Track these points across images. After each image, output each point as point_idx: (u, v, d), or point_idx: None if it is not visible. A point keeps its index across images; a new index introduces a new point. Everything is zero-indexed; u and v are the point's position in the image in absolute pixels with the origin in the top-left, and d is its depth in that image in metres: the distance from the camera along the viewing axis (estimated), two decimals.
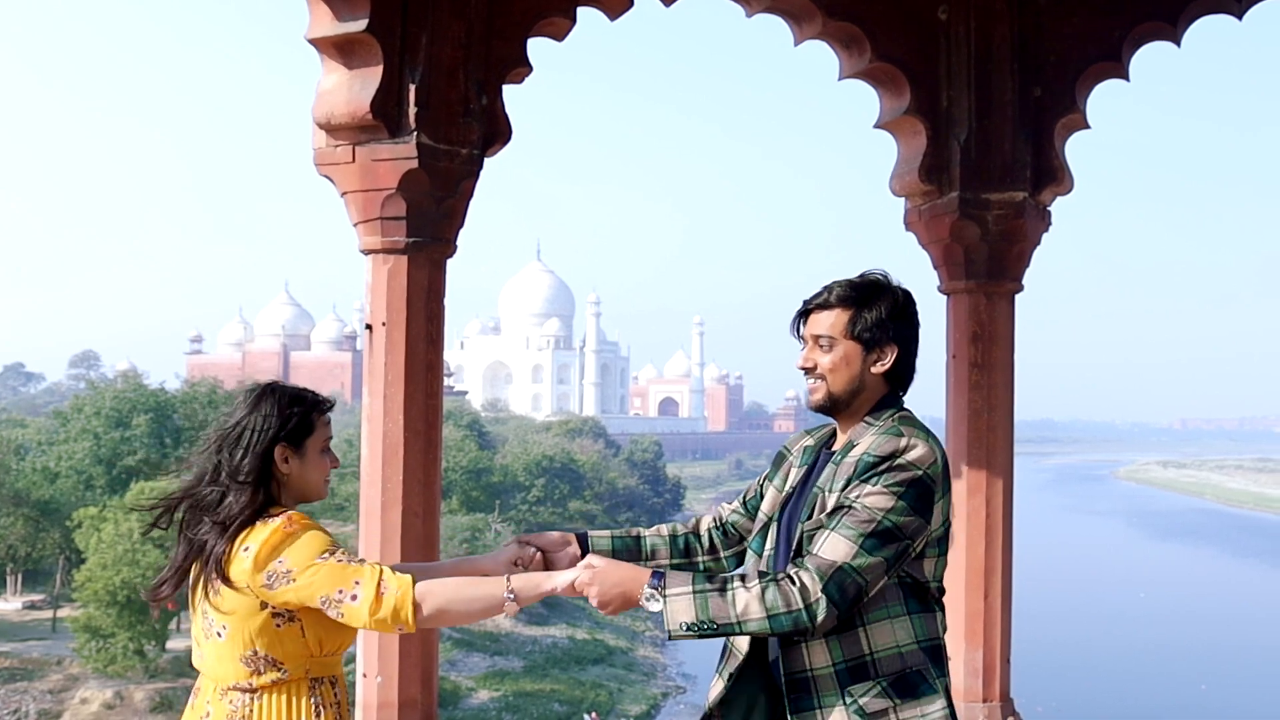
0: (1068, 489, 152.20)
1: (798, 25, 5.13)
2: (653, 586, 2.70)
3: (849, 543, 2.67)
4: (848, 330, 2.93)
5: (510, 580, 2.74)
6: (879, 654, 2.78)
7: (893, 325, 2.93)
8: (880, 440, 2.79)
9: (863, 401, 2.95)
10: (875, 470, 2.74)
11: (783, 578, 2.66)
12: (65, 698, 39.40)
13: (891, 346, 2.94)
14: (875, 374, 2.94)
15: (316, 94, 4.22)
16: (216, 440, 2.91)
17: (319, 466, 2.98)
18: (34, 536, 47.93)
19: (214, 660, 2.87)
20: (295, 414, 2.92)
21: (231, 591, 2.79)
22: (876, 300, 2.93)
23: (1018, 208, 5.14)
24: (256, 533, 2.80)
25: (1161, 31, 5.16)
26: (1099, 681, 48.28)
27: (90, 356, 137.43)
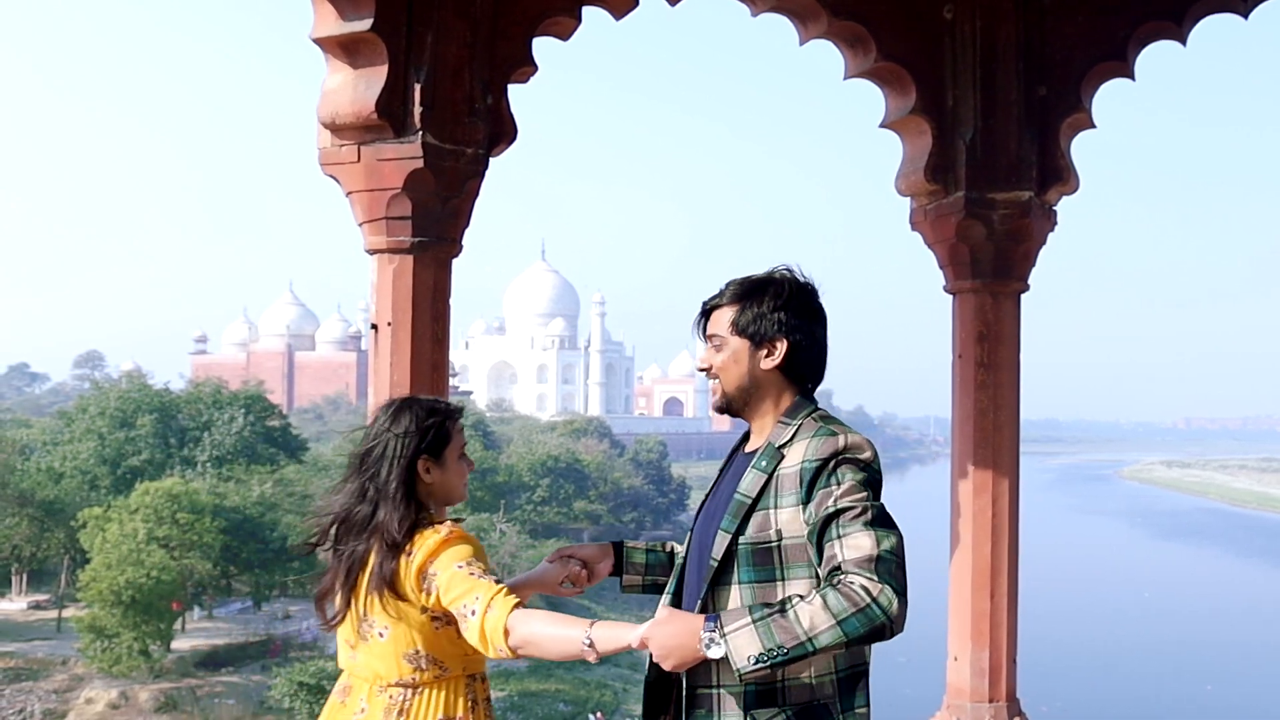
0: (1072, 489, 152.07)
1: (803, 25, 5.12)
2: (709, 630, 2.55)
3: (866, 535, 2.56)
4: (734, 326, 2.85)
5: (591, 629, 2.70)
6: (789, 682, 2.68)
7: (779, 318, 2.82)
8: (816, 444, 2.69)
9: (760, 400, 2.86)
10: (827, 470, 2.65)
11: (838, 582, 2.52)
12: (70, 698, 39.46)
13: (781, 341, 2.82)
14: (766, 370, 2.84)
15: (321, 93, 4.22)
16: (360, 459, 3.03)
17: (459, 472, 3.08)
18: (39, 537, 47.99)
19: (373, 659, 2.96)
20: (433, 426, 3.02)
21: (394, 597, 2.89)
22: (762, 294, 2.84)
23: (1023, 207, 5.13)
24: (418, 541, 2.90)
25: (1167, 31, 5.15)
26: (1105, 681, 48.24)
27: (95, 357, 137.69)
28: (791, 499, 2.68)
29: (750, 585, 2.70)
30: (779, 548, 2.69)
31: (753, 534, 2.70)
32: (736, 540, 2.71)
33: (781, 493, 2.70)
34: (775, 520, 2.69)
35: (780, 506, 2.69)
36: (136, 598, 38.55)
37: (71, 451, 55.76)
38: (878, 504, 2.63)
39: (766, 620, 2.50)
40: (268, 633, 47.46)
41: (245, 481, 52.94)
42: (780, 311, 2.83)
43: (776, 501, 2.70)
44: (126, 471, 54.85)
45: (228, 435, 58.38)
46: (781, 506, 2.69)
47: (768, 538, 2.69)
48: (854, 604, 2.48)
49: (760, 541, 2.69)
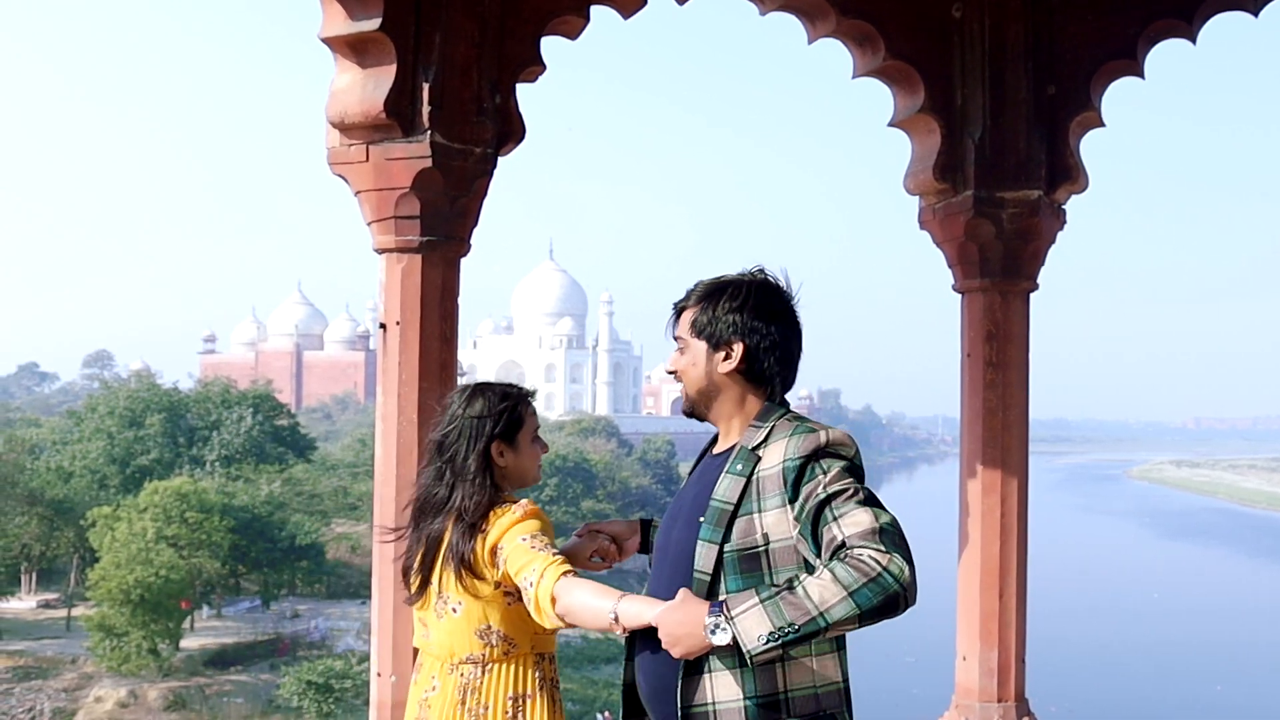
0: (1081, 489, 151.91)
1: (811, 23, 5.12)
2: (714, 615, 2.47)
3: (863, 512, 2.49)
4: (693, 328, 2.80)
5: (619, 602, 2.70)
6: (794, 692, 2.60)
7: (735, 320, 2.75)
8: (797, 441, 2.63)
9: (722, 403, 2.80)
10: (807, 468, 2.59)
11: (845, 556, 2.43)
12: (80, 696, 39.58)
13: (738, 343, 2.75)
14: (724, 373, 2.77)
15: (330, 93, 4.23)
16: (437, 444, 3.14)
17: (531, 455, 3.18)
18: (48, 536, 48.15)
19: (446, 635, 3.05)
20: (505, 411, 3.12)
21: (470, 575, 2.99)
22: (720, 296, 2.78)
23: (1032, 206, 5.12)
24: (492, 520, 3.00)
25: (1176, 29, 5.14)
26: (1114, 681, 48.17)
27: (104, 356, 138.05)
28: (776, 500, 2.61)
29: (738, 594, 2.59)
30: (766, 551, 2.61)
31: (738, 540, 2.63)
32: (722, 549, 2.63)
33: (764, 495, 2.63)
34: (760, 524, 2.62)
35: (764, 510, 2.62)
36: (145, 596, 38.67)
37: (81, 451, 55.93)
38: (866, 488, 2.56)
39: (775, 599, 2.42)
40: (276, 631, 47.57)
41: (254, 481, 53.08)
42: (737, 314, 2.76)
43: (760, 505, 2.63)
44: (135, 471, 55.01)
45: (236, 435, 58.53)
46: (766, 509, 2.62)
47: (754, 542, 2.61)
48: (864, 574, 2.39)
49: (746, 547, 2.62)
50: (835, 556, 2.45)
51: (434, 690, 3.04)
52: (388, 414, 4.24)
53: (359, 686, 36.97)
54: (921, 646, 37.14)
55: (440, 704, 3.02)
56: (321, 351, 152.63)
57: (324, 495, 55.87)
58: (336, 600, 53.22)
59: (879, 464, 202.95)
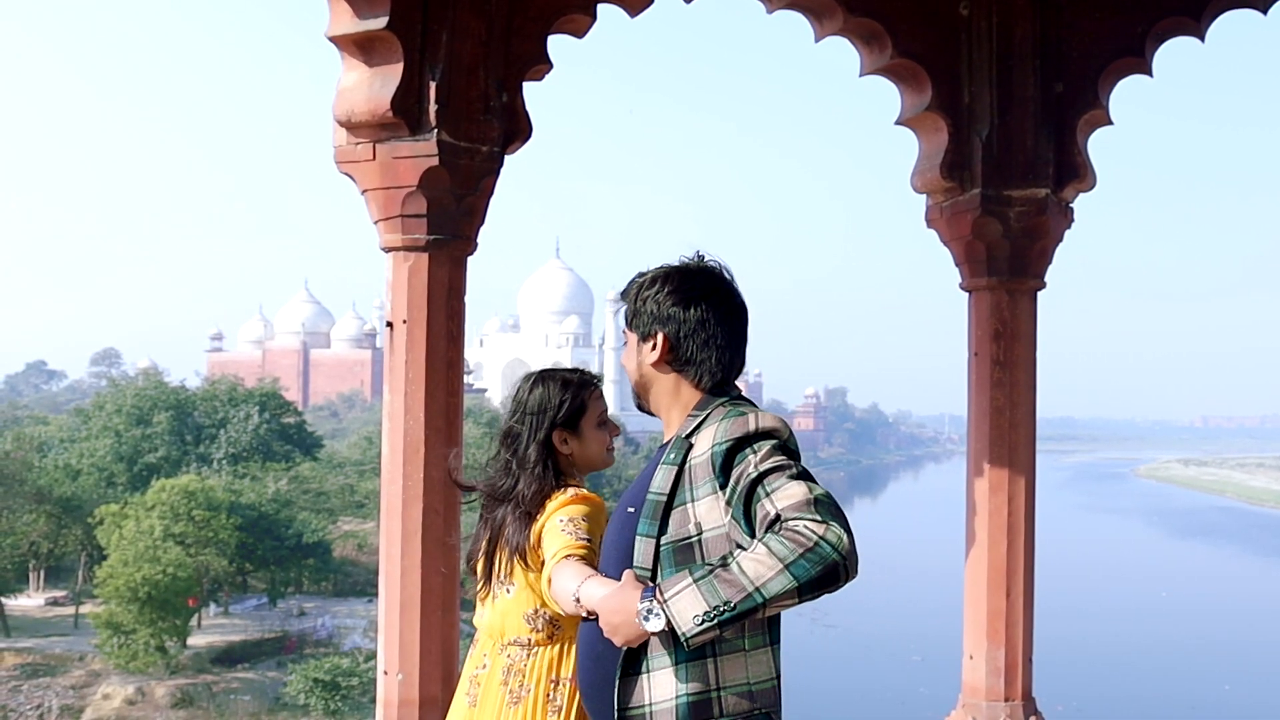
0: (1088, 487, 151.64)
1: (818, 22, 5.11)
2: (647, 600, 2.38)
3: (796, 485, 2.37)
4: (627, 322, 2.75)
5: (585, 585, 2.63)
6: (727, 689, 2.49)
7: (654, 310, 2.66)
8: (725, 426, 2.51)
9: (659, 395, 2.71)
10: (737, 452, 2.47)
11: (780, 528, 2.31)
12: (87, 693, 39.64)
13: (660, 332, 2.66)
14: (651, 365, 2.68)
15: (337, 92, 4.23)
16: (504, 434, 3.17)
17: (598, 440, 3.18)
18: (56, 533, 48.24)
19: (499, 616, 3.09)
20: (567, 399, 3.12)
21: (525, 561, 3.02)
22: (647, 285, 2.70)
23: (1040, 204, 5.11)
24: (549, 506, 3.02)
25: (1185, 26, 5.12)
26: (1121, 681, 48.09)
27: (111, 354, 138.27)
28: (707, 488, 2.50)
29: None
30: (699, 542, 2.50)
31: (673, 532, 2.52)
32: (659, 542, 2.53)
33: (696, 484, 2.52)
34: (693, 514, 2.51)
35: (697, 499, 2.51)
36: (153, 594, 38.71)
37: (88, 448, 56.03)
38: (800, 466, 2.44)
39: (708, 577, 2.31)
40: (283, 629, 47.60)
41: (261, 478, 53.14)
42: (655, 302, 2.67)
43: (692, 494, 2.52)
44: (143, 468, 55.11)
45: (243, 432, 58.59)
46: (698, 499, 2.51)
47: (687, 533, 2.51)
48: (800, 545, 2.27)
49: (680, 538, 2.51)
50: (770, 530, 2.33)
51: (484, 669, 3.09)
52: (394, 412, 4.24)
53: (366, 684, 37.02)
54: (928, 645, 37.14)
55: (488, 681, 3.07)
56: (328, 350, 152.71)
57: (331, 493, 55.93)
58: (343, 598, 53.25)
59: (885, 462, 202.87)
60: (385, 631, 4.24)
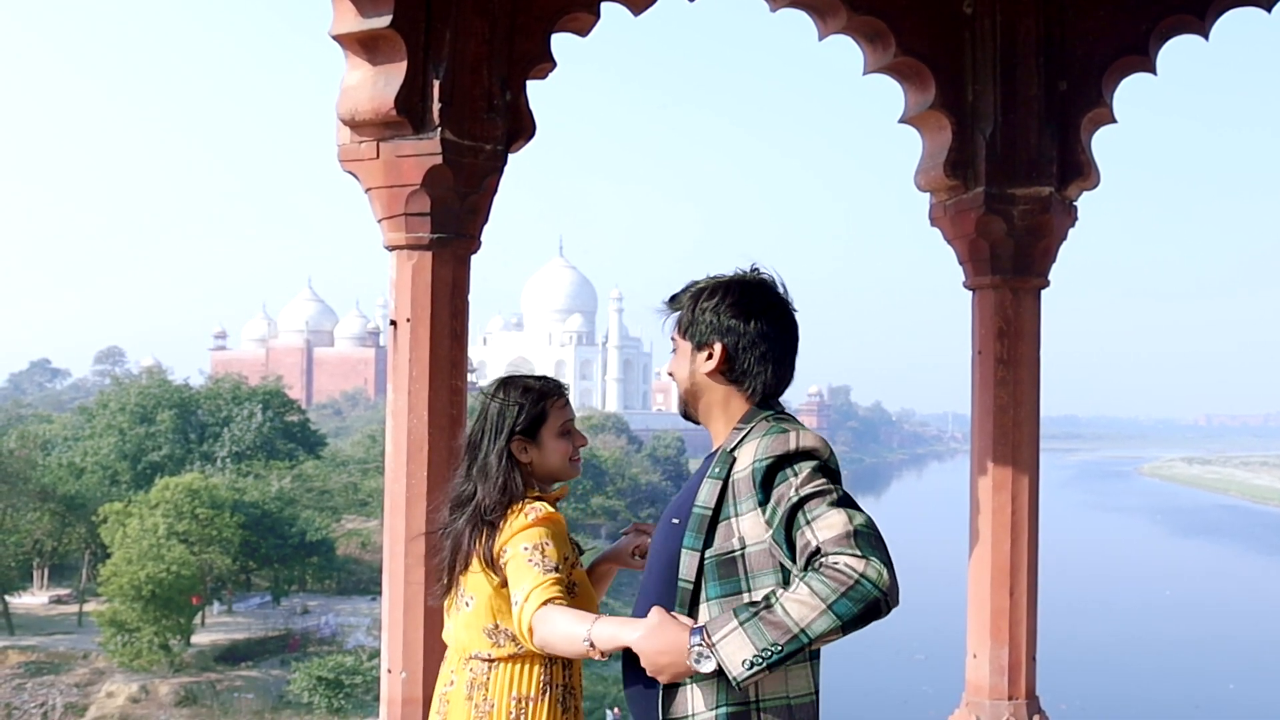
0: (1092, 486, 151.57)
1: (822, 20, 5.11)
2: (697, 646, 2.41)
3: (836, 514, 2.42)
4: (680, 329, 2.77)
5: (593, 627, 2.64)
6: (766, 703, 2.55)
7: (714, 320, 2.70)
8: (766, 442, 2.56)
9: (708, 405, 2.75)
10: (778, 471, 2.52)
11: (819, 565, 2.36)
12: (91, 691, 39.68)
13: (716, 343, 2.69)
14: (705, 374, 2.72)
15: (341, 90, 4.23)
16: (468, 440, 3.11)
17: (558, 450, 3.10)
18: (60, 531, 48.32)
19: (460, 629, 3.04)
20: (525, 406, 3.06)
21: (480, 570, 2.97)
22: (706, 295, 2.73)
23: (1044, 203, 5.11)
24: (509, 518, 2.96)
25: (1189, 25, 5.12)
26: (1125, 679, 48.07)
27: (115, 353, 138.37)
28: (749, 503, 2.54)
29: (718, 600, 2.56)
30: (743, 556, 2.55)
31: (718, 546, 2.57)
32: (704, 555, 2.58)
33: (739, 498, 2.57)
34: (737, 529, 2.56)
35: (740, 514, 2.56)
36: (157, 592, 38.75)
37: (92, 447, 56.11)
38: (841, 489, 2.48)
39: (754, 619, 2.36)
40: (287, 627, 47.65)
41: (264, 477, 53.20)
42: (715, 313, 2.70)
43: (736, 509, 2.57)
44: (147, 467, 55.18)
45: (247, 431, 58.66)
46: (741, 514, 2.56)
47: (731, 547, 2.56)
48: (841, 584, 2.32)
49: (725, 552, 2.56)
50: (810, 565, 2.39)
51: (451, 685, 3.04)
52: (398, 410, 4.24)
53: (369, 682, 37.05)
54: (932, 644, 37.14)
55: (455, 698, 3.02)
56: (332, 348, 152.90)
57: (334, 491, 56.01)
58: (347, 596, 53.30)
59: (889, 461, 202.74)
60: (389, 630, 4.24)
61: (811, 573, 2.36)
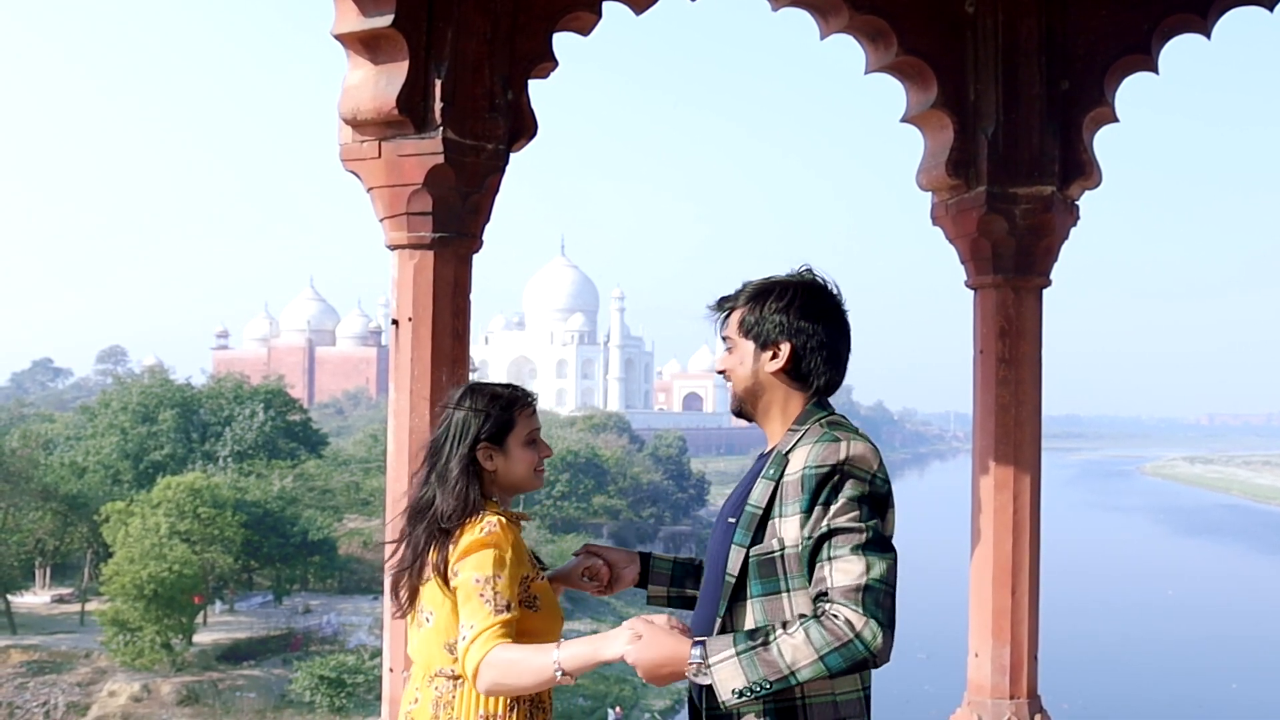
0: (1094, 485, 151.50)
1: (824, 19, 5.11)
2: (697, 659, 2.55)
3: (856, 560, 2.53)
4: (741, 328, 2.82)
5: (559, 652, 2.68)
6: (811, 699, 2.62)
7: (782, 320, 2.77)
8: (818, 450, 2.62)
9: (768, 404, 2.82)
10: (827, 484, 2.59)
11: (822, 614, 2.50)
12: (93, 691, 39.70)
13: (784, 343, 2.77)
14: (770, 374, 2.79)
15: (343, 90, 4.23)
16: (430, 445, 3.02)
17: (524, 459, 3.01)
18: (62, 530, 48.33)
19: (422, 645, 2.96)
20: (494, 413, 2.98)
21: (438, 584, 2.88)
22: (770, 295, 2.79)
23: (1045, 202, 5.10)
24: (466, 530, 2.87)
25: (1191, 24, 5.11)
26: (1127, 678, 48.05)
27: (117, 352, 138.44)
28: (794, 507, 2.62)
29: (760, 599, 2.65)
30: (781, 557, 2.63)
31: (763, 545, 2.65)
32: (749, 553, 2.66)
33: (786, 501, 2.64)
34: (779, 529, 2.64)
35: (785, 515, 2.63)
36: (159, 591, 38.76)
37: (94, 446, 56.14)
38: (874, 524, 2.57)
39: (750, 653, 2.50)
40: (289, 626, 47.65)
41: (266, 476, 53.25)
42: (784, 313, 2.77)
43: (781, 510, 2.64)
44: (149, 466, 55.19)
45: (249, 430, 58.68)
46: (785, 515, 2.63)
47: (772, 548, 2.64)
48: (837, 638, 2.48)
49: (766, 552, 2.64)
50: (816, 607, 2.54)
51: (415, 704, 2.94)
52: (400, 409, 4.25)
53: (371, 681, 37.07)
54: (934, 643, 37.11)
55: (420, 717, 2.93)
56: (334, 347, 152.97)
57: (336, 491, 56.01)
58: (349, 595, 53.31)
59: (891, 460, 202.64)
60: (391, 629, 4.24)
61: (813, 620, 2.50)
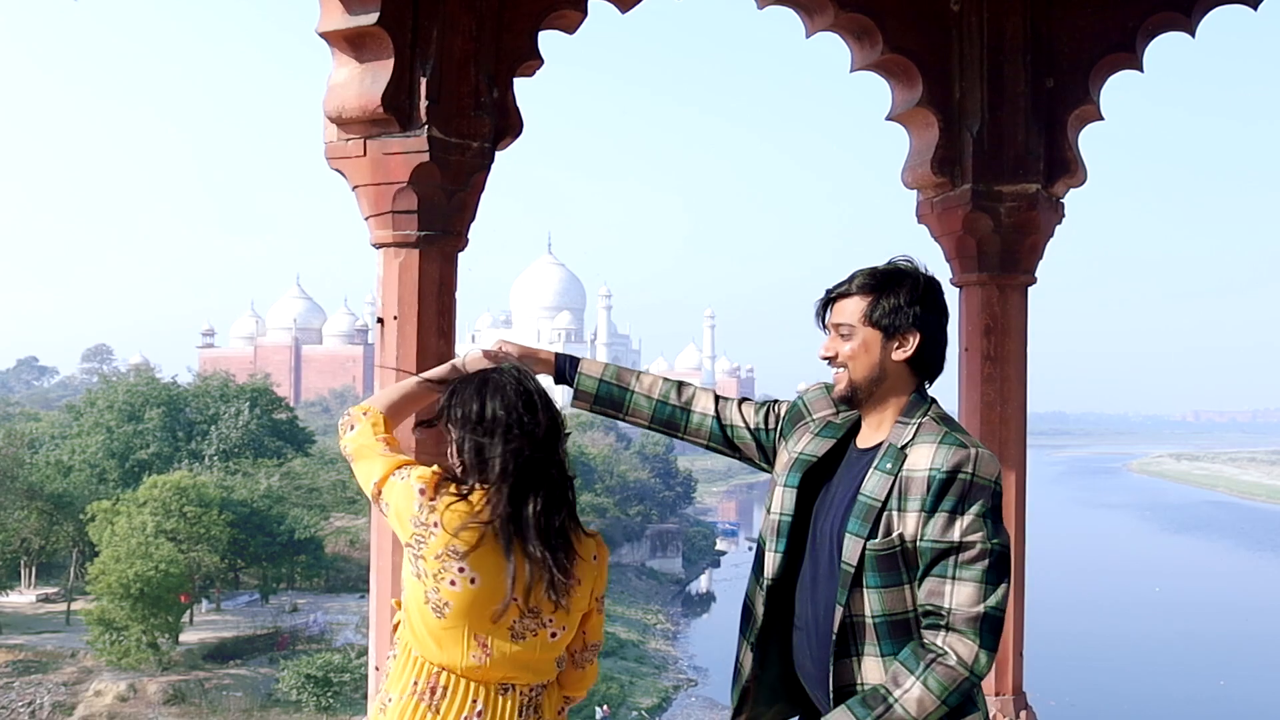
0: (1080, 482, 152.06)
1: (809, 17, 5.11)
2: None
3: (977, 585, 2.63)
4: (866, 317, 2.85)
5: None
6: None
7: (914, 311, 2.84)
8: (945, 452, 2.70)
9: (886, 391, 2.86)
10: (954, 491, 2.67)
11: (935, 657, 2.63)
12: (79, 690, 39.64)
13: (914, 333, 2.84)
14: (897, 362, 2.84)
15: (327, 88, 4.22)
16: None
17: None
18: (48, 530, 48.21)
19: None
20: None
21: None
22: (897, 286, 2.85)
23: (1030, 200, 5.11)
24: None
25: (1175, 22, 5.13)
26: (1113, 675, 48.24)
27: (103, 350, 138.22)
28: (916, 504, 2.68)
29: (879, 590, 2.71)
30: (901, 552, 2.70)
31: (881, 539, 2.71)
32: (866, 544, 2.71)
33: (907, 496, 2.70)
34: (899, 523, 2.69)
35: (905, 510, 2.69)
36: (145, 591, 38.71)
37: (80, 445, 55.99)
38: (997, 542, 2.66)
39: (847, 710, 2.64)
40: (275, 625, 47.63)
41: (252, 475, 53.17)
42: (915, 305, 2.84)
43: (902, 505, 2.70)
44: (134, 465, 55.07)
45: (235, 428, 58.60)
46: (906, 510, 2.69)
47: (892, 543, 2.69)
48: (954, 680, 2.61)
49: (886, 548, 2.70)
50: (933, 628, 2.65)
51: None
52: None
53: (358, 680, 37.04)
54: None
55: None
56: (320, 345, 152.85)
57: (323, 489, 55.94)
58: (335, 594, 53.31)
59: None
60: (377, 628, 4.23)
61: (931, 669, 2.62)
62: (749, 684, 2.95)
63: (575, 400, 3.31)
